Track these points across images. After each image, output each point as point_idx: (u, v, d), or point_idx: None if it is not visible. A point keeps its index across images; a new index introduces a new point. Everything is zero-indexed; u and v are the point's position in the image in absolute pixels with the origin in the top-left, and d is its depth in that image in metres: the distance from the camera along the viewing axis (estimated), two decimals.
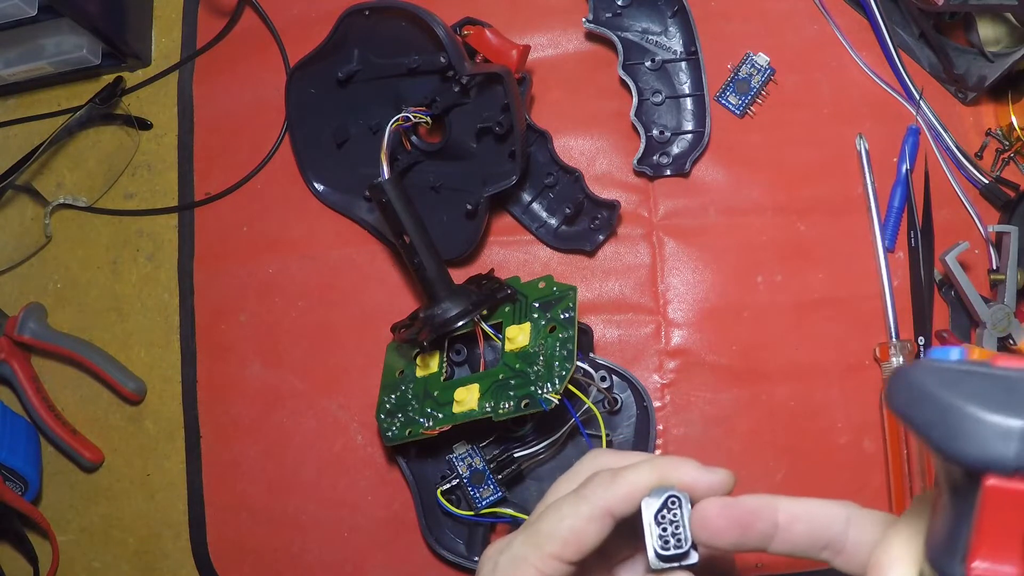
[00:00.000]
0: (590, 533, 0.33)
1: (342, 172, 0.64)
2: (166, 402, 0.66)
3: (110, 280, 0.68)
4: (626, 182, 0.63)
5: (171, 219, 0.68)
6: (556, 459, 0.58)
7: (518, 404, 0.50)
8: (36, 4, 0.62)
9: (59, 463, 0.67)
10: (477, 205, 0.58)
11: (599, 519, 0.33)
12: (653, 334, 0.61)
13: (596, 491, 0.34)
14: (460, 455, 0.56)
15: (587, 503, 0.34)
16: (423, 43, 0.57)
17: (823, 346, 0.59)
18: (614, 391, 0.57)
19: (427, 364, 0.57)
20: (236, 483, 0.63)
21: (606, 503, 0.33)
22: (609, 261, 0.62)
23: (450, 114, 0.58)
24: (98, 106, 0.68)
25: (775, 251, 0.60)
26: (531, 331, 0.54)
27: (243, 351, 0.65)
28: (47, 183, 0.70)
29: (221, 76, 0.69)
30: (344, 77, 0.61)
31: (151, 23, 0.71)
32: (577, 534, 0.33)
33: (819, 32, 0.62)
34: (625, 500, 0.33)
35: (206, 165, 0.68)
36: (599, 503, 0.33)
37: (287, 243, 0.66)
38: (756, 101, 0.62)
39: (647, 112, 0.61)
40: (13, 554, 0.66)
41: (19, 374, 0.65)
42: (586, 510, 0.33)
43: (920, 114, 0.60)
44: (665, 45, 0.62)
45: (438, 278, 0.55)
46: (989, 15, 0.56)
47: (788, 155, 0.61)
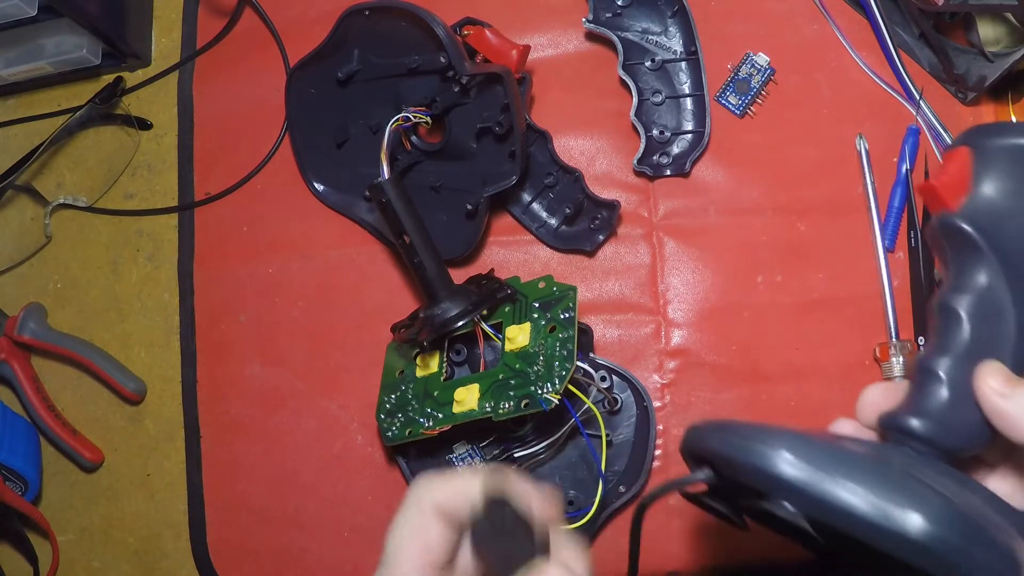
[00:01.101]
0: (431, 539, 0.33)
1: (342, 172, 0.64)
2: (166, 402, 0.66)
3: (110, 280, 0.68)
4: (626, 182, 0.63)
5: (171, 219, 0.68)
6: (556, 459, 0.58)
7: (518, 404, 0.50)
8: (36, 4, 0.62)
9: (59, 463, 0.67)
10: (477, 205, 0.58)
11: (432, 519, 0.34)
12: (653, 334, 0.61)
13: (420, 493, 0.34)
14: (460, 455, 0.56)
15: (415, 507, 0.34)
16: (423, 43, 0.57)
17: (823, 346, 0.59)
18: (614, 391, 0.57)
19: (427, 364, 0.57)
20: (236, 483, 0.63)
21: (432, 500, 0.34)
22: (609, 261, 0.62)
23: (450, 114, 0.58)
24: (98, 106, 0.68)
25: (775, 251, 0.60)
26: (531, 331, 0.54)
27: (243, 351, 0.65)
28: (47, 183, 0.70)
29: (221, 76, 0.69)
30: (344, 77, 0.61)
31: (151, 23, 0.71)
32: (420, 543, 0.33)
33: (819, 32, 0.62)
34: (452, 496, 0.34)
35: (206, 165, 0.68)
36: (426, 503, 0.34)
37: (287, 243, 0.66)
38: (756, 101, 0.62)
39: (647, 112, 0.61)
40: (13, 554, 0.66)
41: (19, 374, 0.66)
42: (414, 515, 0.34)
43: (920, 114, 0.60)
44: (665, 45, 0.62)
45: (438, 278, 0.55)
46: (989, 15, 0.56)
47: (788, 155, 0.61)
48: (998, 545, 0.31)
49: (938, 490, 0.31)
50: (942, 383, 0.36)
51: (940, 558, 0.30)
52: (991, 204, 0.37)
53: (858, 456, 0.32)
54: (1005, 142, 0.37)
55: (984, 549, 0.31)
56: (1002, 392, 0.35)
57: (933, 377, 0.36)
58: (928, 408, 0.36)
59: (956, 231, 0.37)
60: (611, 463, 0.57)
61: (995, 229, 0.37)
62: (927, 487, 0.31)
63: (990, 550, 0.31)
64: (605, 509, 0.56)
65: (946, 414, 0.36)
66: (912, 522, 0.30)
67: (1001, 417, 0.35)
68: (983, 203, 0.37)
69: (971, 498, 0.33)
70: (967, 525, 0.30)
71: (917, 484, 0.31)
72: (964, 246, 0.37)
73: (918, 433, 0.36)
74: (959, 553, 0.30)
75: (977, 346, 0.36)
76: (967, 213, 0.37)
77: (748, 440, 0.33)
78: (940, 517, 0.30)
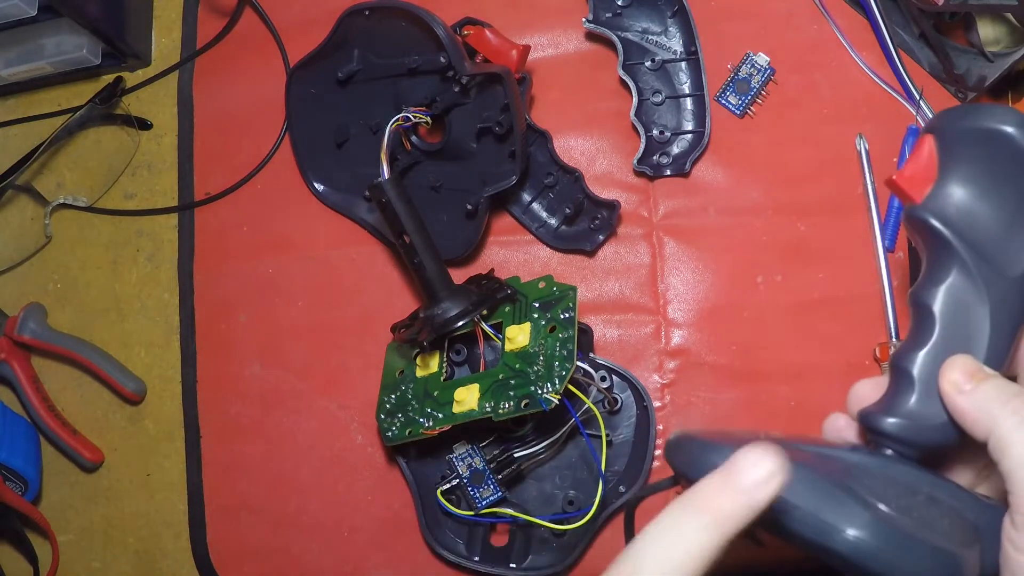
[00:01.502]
0: None
1: (342, 172, 0.64)
2: (166, 402, 0.66)
3: (110, 280, 0.68)
4: (626, 182, 0.63)
5: (171, 219, 0.68)
6: (556, 459, 0.58)
7: (518, 404, 0.50)
8: (36, 4, 0.62)
9: (59, 463, 0.67)
10: (477, 205, 0.58)
11: None
12: (653, 334, 0.61)
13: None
14: (460, 455, 0.56)
15: None
16: (423, 43, 0.57)
17: (823, 346, 0.59)
18: (614, 391, 0.57)
19: (427, 364, 0.57)
20: (236, 483, 0.63)
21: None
22: (609, 261, 0.62)
23: (450, 114, 0.58)
24: (98, 106, 0.68)
25: (775, 251, 0.60)
26: (531, 331, 0.54)
27: (243, 351, 0.65)
28: (47, 183, 0.70)
29: (221, 76, 0.69)
30: (344, 77, 0.61)
31: (151, 23, 0.71)
32: None
33: (819, 32, 0.62)
34: None
35: (206, 165, 0.68)
36: None
37: (287, 243, 0.66)
38: (756, 101, 0.62)
39: (647, 112, 0.61)
40: (13, 554, 0.66)
41: (19, 374, 0.66)
42: None
43: (920, 114, 0.60)
44: (665, 45, 0.62)
45: (438, 278, 0.55)
46: (989, 15, 0.56)
47: (788, 155, 0.61)
48: (935, 552, 0.31)
49: (870, 502, 0.32)
50: (913, 380, 0.36)
51: (865, 569, 0.31)
52: (957, 194, 0.36)
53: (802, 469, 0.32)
54: (968, 125, 0.36)
55: (913, 559, 0.31)
56: (962, 388, 0.34)
57: (904, 374, 0.36)
58: (899, 406, 0.36)
59: (922, 224, 0.36)
60: (611, 463, 0.57)
61: (963, 219, 0.35)
62: (860, 500, 0.32)
63: (920, 559, 0.31)
64: (605, 509, 0.56)
65: (916, 412, 0.36)
66: (837, 536, 0.31)
67: (959, 414, 0.34)
68: (948, 193, 0.36)
69: (918, 505, 0.33)
70: (893, 536, 0.31)
71: (849, 498, 0.32)
72: (932, 239, 0.36)
73: (888, 432, 0.36)
74: (884, 564, 0.31)
75: (948, 342, 0.36)
76: (931, 205, 0.36)
77: (696, 456, 0.34)
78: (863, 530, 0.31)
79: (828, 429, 0.42)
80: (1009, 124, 0.35)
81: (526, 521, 0.56)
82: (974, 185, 0.36)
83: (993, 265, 0.35)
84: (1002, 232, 0.35)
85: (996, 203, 0.35)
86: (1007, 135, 0.35)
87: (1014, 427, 0.32)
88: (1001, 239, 0.35)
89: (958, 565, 0.32)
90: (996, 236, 0.35)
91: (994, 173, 0.35)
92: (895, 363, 0.37)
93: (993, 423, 0.33)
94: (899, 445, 0.36)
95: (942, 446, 0.36)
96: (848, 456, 0.36)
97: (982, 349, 0.35)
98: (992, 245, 0.35)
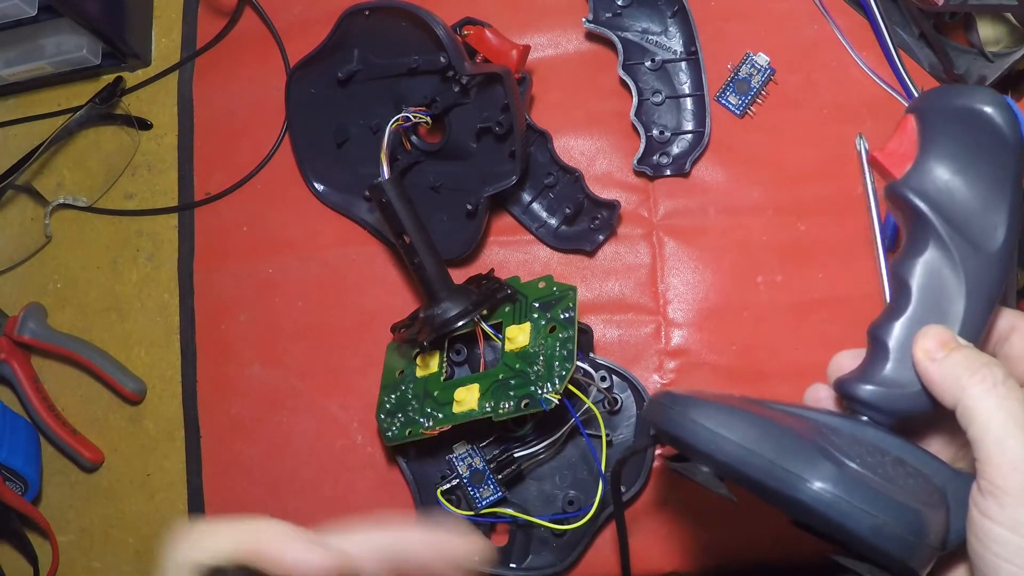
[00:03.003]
0: None
1: (342, 172, 0.64)
2: (166, 402, 0.66)
3: (110, 280, 0.68)
4: (626, 182, 0.63)
5: (171, 219, 0.68)
6: (556, 459, 0.58)
7: (518, 404, 0.50)
8: (36, 4, 0.62)
9: (59, 463, 0.67)
10: (477, 205, 0.58)
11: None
12: (653, 334, 0.61)
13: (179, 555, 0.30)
14: (460, 455, 0.56)
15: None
16: (423, 43, 0.57)
17: (823, 346, 0.59)
18: (614, 391, 0.57)
19: (427, 364, 0.57)
20: (236, 483, 0.63)
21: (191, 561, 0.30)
22: (609, 261, 0.62)
23: (450, 114, 0.58)
24: (98, 106, 0.68)
25: (775, 251, 0.60)
26: (531, 331, 0.54)
27: (243, 351, 0.65)
28: (47, 183, 0.70)
29: (221, 76, 0.69)
30: (344, 77, 0.61)
31: (151, 23, 0.71)
32: None
33: (819, 32, 0.62)
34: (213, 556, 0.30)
35: (206, 165, 0.68)
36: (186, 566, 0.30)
37: (287, 243, 0.66)
38: (756, 101, 0.62)
39: (647, 112, 0.61)
40: (13, 554, 0.66)
41: (19, 374, 0.66)
42: None
43: None
44: (665, 45, 0.62)
45: (438, 278, 0.55)
46: (989, 15, 0.56)
47: (788, 155, 0.61)
48: (897, 508, 0.33)
49: (836, 457, 0.33)
50: (888, 349, 0.37)
51: (827, 519, 0.33)
52: (935, 170, 0.37)
53: (768, 423, 0.35)
54: (948, 105, 0.37)
55: (874, 511, 0.32)
56: (933, 356, 0.35)
57: (879, 344, 0.37)
58: (874, 374, 0.37)
59: (901, 199, 0.37)
60: (611, 463, 0.57)
61: (940, 195, 0.37)
62: (825, 454, 0.33)
63: (882, 512, 0.32)
64: (605, 509, 0.56)
65: (890, 380, 0.37)
66: (801, 486, 0.33)
67: (930, 381, 0.35)
68: (927, 170, 0.37)
69: (883, 464, 0.35)
70: (856, 488, 0.33)
71: (815, 451, 0.34)
72: (911, 214, 0.37)
73: (863, 399, 0.37)
74: (844, 514, 0.32)
75: (924, 313, 0.37)
76: (910, 181, 0.37)
77: (670, 409, 0.36)
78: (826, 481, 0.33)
79: (808, 399, 0.43)
80: (987, 104, 0.36)
81: (526, 521, 0.56)
82: (953, 162, 0.37)
83: (969, 240, 0.36)
84: (978, 208, 0.36)
85: (973, 180, 0.37)
86: (985, 114, 0.36)
87: (981, 395, 0.33)
88: (977, 215, 0.36)
89: (921, 522, 0.33)
90: (973, 212, 0.36)
91: (972, 151, 0.37)
92: (872, 332, 0.38)
93: (961, 391, 0.34)
94: (873, 412, 0.37)
95: (915, 413, 0.37)
96: (819, 417, 0.38)
97: (956, 321, 0.36)
98: (969, 221, 0.36)
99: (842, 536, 0.33)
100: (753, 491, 0.34)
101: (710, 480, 0.36)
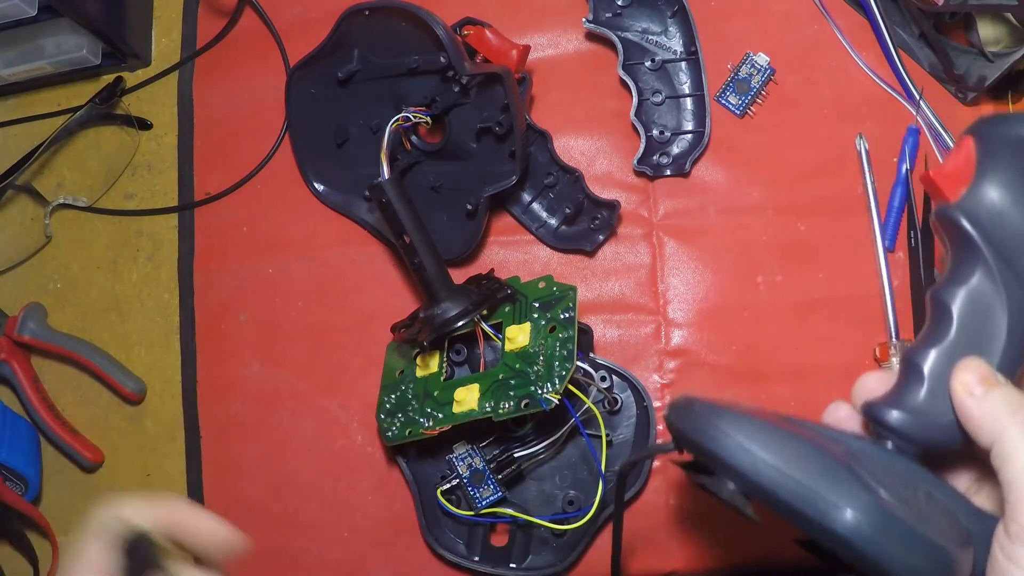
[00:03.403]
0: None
1: (342, 172, 0.64)
2: (166, 402, 0.66)
3: (110, 280, 0.68)
4: (626, 182, 0.63)
5: (171, 219, 0.68)
6: (556, 459, 0.58)
7: (518, 404, 0.50)
8: (36, 4, 0.62)
9: (59, 463, 0.67)
10: (477, 205, 0.58)
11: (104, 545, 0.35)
12: (653, 334, 0.61)
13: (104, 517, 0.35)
14: (460, 455, 0.56)
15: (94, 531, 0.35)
16: (423, 43, 0.57)
17: (823, 346, 0.59)
18: (614, 391, 0.57)
19: (427, 364, 0.57)
20: (236, 483, 0.63)
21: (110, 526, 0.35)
22: (609, 261, 0.62)
23: (450, 114, 0.58)
24: (98, 106, 0.68)
25: (775, 251, 0.60)
26: (531, 331, 0.54)
27: (243, 351, 0.65)
28: (47, 183, 0.70)
29: (221, 76, 0.69)
30: (344, 77, 0.61)
31: (151, 23, 0.71)
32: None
33: (819, 32, 0.62)
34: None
35: (206, 165, 0.68)
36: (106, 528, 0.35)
37: (287, 243, 0.66)
38: (756, 101, 0.62)
39: (647, 112, 0.61)
40: (13, 554, 0.66)
41: (19, 374, 0.66)
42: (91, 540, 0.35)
43: (920, 114, 0.60)
44: (665, 45, 0.62)
45: (438, 278, 0.55)
46: (989, 15, 0.56)
47: (788, 155, 0.61)
48: (930, 547, 0.31)
49: (872, 487, 0.31)
50: (923, 376, 0.36)
51: (860, 552, 0.31)
52: (991, 197, 0.36)
53: (802, 443, 0.32)
54: (1011, 132, 0.36)
55: (909, 549, 0.31)
56: (973, 391, 0.34)
57: (915, 370, 0.36)
58: (906, 401, 0.36)
59: (952, 224, 0.36)
60: (611, 463, 0.57)
61: (993, 224, 0.35)
62: (862, 483, 0.31)
63: (916, 551, 0.31)
64: (605, 509, 0.56)
65: (923, 408, 0.35)
66: (836, 514, 0.31)
67: (967, 417, 0.34)
68: (982, 196, 0.36)
69: (917, 499, 0.33)
70: (893, 524, 0.31)
71: (852, 479, 0.31)
72: (960, 240, 0.36)
73: (892, 425, 0.36)
74: (879, 550, 0.30)
75: (963, 343, 0.35)
76: (965, 206, 0.36)
77: (700, 418, 0.34)
78: (864, 512, 0.31)
79: (829, 418, 0.41)
80: None
81: (526, 521, 0.56)
82: (1010, 192, 0.35)
83: (1017, 272, 0.35)
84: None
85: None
86: None
87: (1019, 437, 0.32)
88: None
89: (951, 564, 0.31)
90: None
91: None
92: (907, 357, 0.37)
93: (1000, 431, 0.33)
94: (902, 440, 0.36)
95: (945, 446, 0.36)
96: (851, 441, 0.36)
97: (996, 354, 0.35)
98: (1019, 253, 0.35)
99: (870, 570, 0.31)
100: (780, 513, 0.32)
101: (736, 498, 0.33)
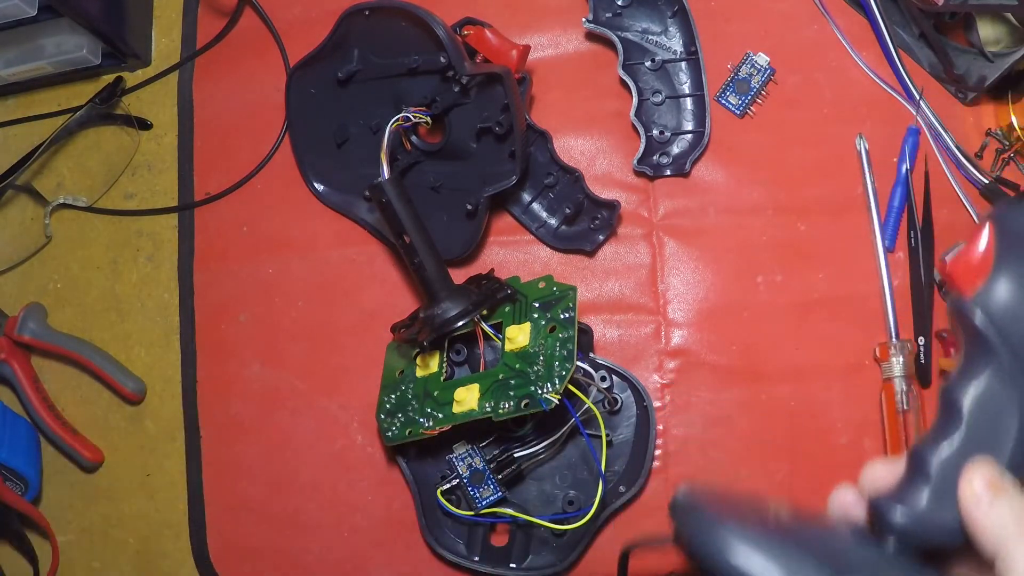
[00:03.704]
0: None
1: (342, 172, 0.64)
2: (166, 402, 0.66)
3: (110, 280, 0.68)
4: (626, 182, 0.63)
5: (171, 219, 0.68)
6: (556, 459, 0.58)
7: (518, 404, 0.50)
8: (36, 4, 0.62)
9: (59, 463, 0.67)
10: (477, 205, 0.58)
11: None
12: (653, 334, 0.61)
13: None
14: (460, 455, 0.56)
15: None
16: (423, 43, 0.57)
17: (823, 346, 0.59)
18: (614, 391, 0.57)
19: (427, 364, 0.57)
20: (236, 483, 0.63)
21: None
22: (609, 261, 0.62)
23: (450, 114, 0.58)
24: (98, 106, 0.68)
25: (775, 251, 0.60)
26: (531, 331, 0.54)
27: (243, 351, 0.65)
28: (47, 183, 0.70)
29: (221, 76, 0.69)
30: (344, 77, 0.61)
31: (151, 23, 0.71)
32: None
33: (819, 32, 0.62)
34: None
35: (206, 165, 0.68)
36: None
37: (287, 243, 0.66)
38: (756, 101, 0.62)
39: (647, 112, 0.61)
40: (13, 554, 0.66)
41: (19, 374, 0.65)
42: None
43: (920, 114, 0.60)
44: (665, 45, 0.62)
45: (438, 278, 0.55)
46: (989, 15, 0.56)
47: (788, 155, 0.61)
48: None
49: None
50: (929, 475, 0.35)
51: None
52: (1008, 294, 0.34)
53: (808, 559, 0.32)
54: None
55: None
56: (980, 498, 0.33)
57: (921, 467, 0.35)
58: (911, 499, 0.35)
59: (966, 320, 0.35)
60: (611, 463, 0.57)
61: (1009, 321, 0.34)
62: None
63: None
64: (605, 509, 0.56)
65: (927, 508, 0.35)
66: None
67: (972, 527, 0.33)
68: (999, 292, 0.34)
69: None
70: None
71: None
72: (974, 336, 0.35)
73: (897, 525, 0.35)
74: None
75: (972, 443, 0.35)
76: (980, 302, 0.34)
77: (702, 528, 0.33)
78: None
79: (835, 503, 0.40)
80: None
81: (526, 521, 0.56)
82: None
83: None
84: None
85: None
86: None
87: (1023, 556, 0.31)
88: None
89: None
90: None
91: None
92: (915, 452, 0.36)
93: (1003, 545, 0.32)
94: (906, 538, 0.35)
95: (948, 547, 0.35)
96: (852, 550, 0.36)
97: (1005, 456, 0.34)
98: None
99: None
100: None
101: None
